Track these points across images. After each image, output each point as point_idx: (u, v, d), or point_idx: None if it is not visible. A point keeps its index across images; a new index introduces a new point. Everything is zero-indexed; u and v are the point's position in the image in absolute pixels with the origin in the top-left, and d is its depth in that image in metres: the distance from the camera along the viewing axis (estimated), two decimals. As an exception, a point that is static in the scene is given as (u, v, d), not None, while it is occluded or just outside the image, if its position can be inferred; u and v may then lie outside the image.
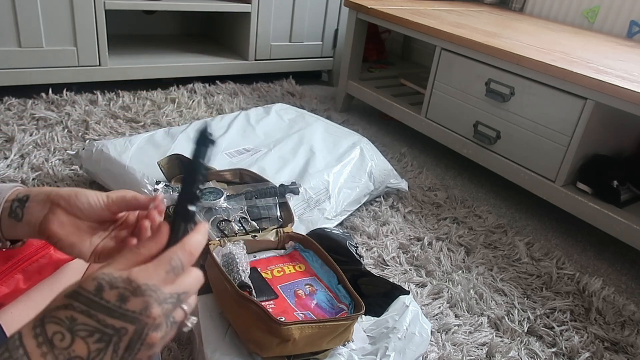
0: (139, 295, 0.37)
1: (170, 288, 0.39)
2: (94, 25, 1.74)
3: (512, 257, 1.24)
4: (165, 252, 0.41)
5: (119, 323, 0.37)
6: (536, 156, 1.39)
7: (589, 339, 1.01)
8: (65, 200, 0.50)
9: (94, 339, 0.36)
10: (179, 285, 0.40)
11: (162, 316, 0.38)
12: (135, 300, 0.37)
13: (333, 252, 0.95)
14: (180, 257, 0.41)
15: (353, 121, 2.00)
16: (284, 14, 2.15)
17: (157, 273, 0.39)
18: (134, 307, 0.37)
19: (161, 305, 0.38)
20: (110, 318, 0.37)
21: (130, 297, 0.37)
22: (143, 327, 0.38)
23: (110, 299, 0.37)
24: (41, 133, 1.51)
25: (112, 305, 0.37)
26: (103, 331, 0.37)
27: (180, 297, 0.40)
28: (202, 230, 0.45)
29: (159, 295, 0.38)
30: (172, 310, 0.40)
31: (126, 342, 0.37)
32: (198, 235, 0.44)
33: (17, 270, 0.67)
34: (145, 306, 0.37)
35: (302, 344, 0.74)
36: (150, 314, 0.38)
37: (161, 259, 0.40)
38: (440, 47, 1.62)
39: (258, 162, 1.26)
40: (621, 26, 1.93)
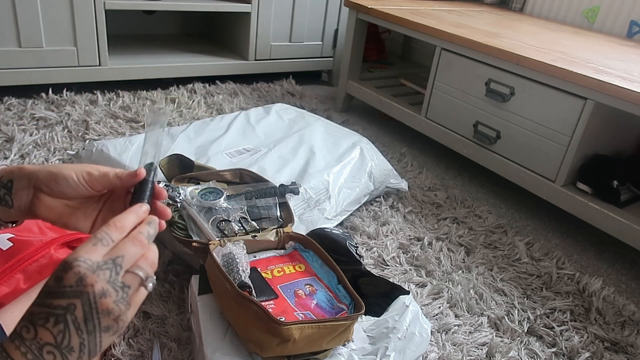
0: (68, 270, 0.39)
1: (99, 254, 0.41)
2: (94, 25, 1.74)
3: (512, 257, 1.24)
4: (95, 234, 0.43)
5: (64, 301, 0.39)
6: (536, 156, 1.39)
7: (589, 339, 1.01)
8: (45, 186, 0.50)
9: (50, 323, 0.39)
10: (112, 252, 0.42)
11: (102, 281, 0.40)
12: (67, 275, 0.39)
13: (333, 252, 0.95)
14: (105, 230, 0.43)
15: (353, 121, 2.00)
16: (284, 14, 2.15)
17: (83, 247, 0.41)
18: (69, 282, 0.39)
19: (95, 272, 0.40)
20: (55, 299, 0.39)
21: (62, 274, 0.40)
22: (87, 297, 0.39)
23: (50, 284, 0.40)
24: (41, 133, 1.51)
25: (52, 288, 0.40)
26: (54, 313, 0.39)
27: (115, 261, 0.42)
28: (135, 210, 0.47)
29: (89, 263, 0.40)
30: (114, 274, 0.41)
31: (81, 316, 0.40)
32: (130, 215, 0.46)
33: (18, 270, 0.67)
34: (78, 277, 0.39)
35: (302, 344, 0.74)
36: (87, 282, 0.39)
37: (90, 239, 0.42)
38: (440, 47, 1.62)
39: (258, 162, 1.26)
40: (621, 26, 1.93)
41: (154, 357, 0.82)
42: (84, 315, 0.40)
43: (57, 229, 0.74)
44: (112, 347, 0.83)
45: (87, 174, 0.51)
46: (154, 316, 0.91)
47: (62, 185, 0.50)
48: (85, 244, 0.41)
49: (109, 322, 0.40)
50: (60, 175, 0.50)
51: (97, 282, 0.40)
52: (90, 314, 0.40)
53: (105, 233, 0.43)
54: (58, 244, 0.73)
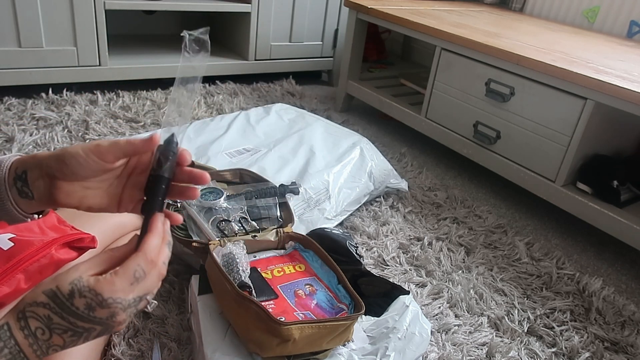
0: (104, 307, 0.43)
1: (133, 294, 0.44)
2: (94, 25, 1.74)
3: (512, 257, 1.24)
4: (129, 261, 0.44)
5: (88, 325, 0.43)
6: (536, 156, 1.39)
7: (589, 339, 1.01)
8: (57, 171, 0.48)
9: (67, 335, 0.43)
10: (141, 289, 0.45)
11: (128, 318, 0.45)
12: (101, 310, 0.43)
13: (333, 252, 0.95)
14: (142, 266, 0.45)
15: (353, 121, 2.00)
16: (284, 14, 2.15)
17: (122, 286, 0.43)
18: (100, 315, 0.43)
19: (126, 311, 0.44)
20: (80, 322, 0.43)
21: (96, 307, 0.42)
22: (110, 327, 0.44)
23: (79, 307, 0.42)
24: (41, 133, 1.51)
25: (81, 312, 0.42)
26: (75, 330, 0.43)
27: (142, 298, 0.45)
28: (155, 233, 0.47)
29: (124, 304, 0.43)
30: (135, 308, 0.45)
31: (96, 335, 0.44)
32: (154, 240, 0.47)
33: (18, 270, 0.67)
34: (111, 314, 0.43)
35: (302, 344, 0.74)
36: (116, 320, 0.44)
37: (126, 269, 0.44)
38: (440, 47, 1.62)
39: (258, 162, 1.26)
40: (621, 26, 1.93)
41: (154, 357, 0.82)
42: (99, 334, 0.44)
43: (58, 229, 0.74)
44: (112, 347, 0.83)
45: (94, 147, 0.47)
46: (154, 316, 0.91)
47: (72, 165, 0.47)
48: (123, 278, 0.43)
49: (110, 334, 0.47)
50: (68, 155, 0.47)
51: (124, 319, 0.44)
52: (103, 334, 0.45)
53: (141, 270, 0.45)
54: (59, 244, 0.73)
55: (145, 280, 0.45)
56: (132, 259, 0.45)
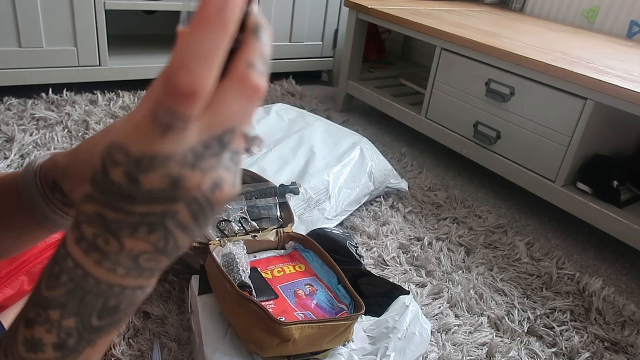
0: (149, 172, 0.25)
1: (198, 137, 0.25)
2: (94, 25, 1.74)
3: (512, 257, 1.24)
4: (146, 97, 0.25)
5: (157, 207, 0.25)
6: (536, 156, 1.39)
7: (589, 339, 1.01)
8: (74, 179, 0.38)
9: (142, 232, 0.26)
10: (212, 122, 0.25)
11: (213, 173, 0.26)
12: (146, 177, 0.25)
13: (333, 252, 0.95)
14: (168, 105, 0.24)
15: (353, 121, 2.00)
16: (284, 14, 2.15)
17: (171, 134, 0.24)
18: (155, 185, 0.25)
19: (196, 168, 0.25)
20: (140, 205, 0.25)
21: (140, 175, 0.25)
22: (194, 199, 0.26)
23: (120, 182, 0.25)
24: (41, 133, 1.51)
25: (127, 191, 0.25)
26: (145, 222, 0.26)
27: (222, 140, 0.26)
28: None
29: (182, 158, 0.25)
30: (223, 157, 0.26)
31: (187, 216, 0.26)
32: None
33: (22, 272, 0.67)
34: (171, 181, 0.25)
35: (302, 344, 0.74)
36: (187, 185, 0.25)
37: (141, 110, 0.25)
38: (440, 47, 1.62)
39: (258, 162, 1.26)
40: (621, 26, 1.93)
41: (154, 357, 0.82)
42: (193, 215, 0.26)
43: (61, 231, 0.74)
44: (112, 347, 0.83)
45: None
46: (154, 316, 0.91)
47: None
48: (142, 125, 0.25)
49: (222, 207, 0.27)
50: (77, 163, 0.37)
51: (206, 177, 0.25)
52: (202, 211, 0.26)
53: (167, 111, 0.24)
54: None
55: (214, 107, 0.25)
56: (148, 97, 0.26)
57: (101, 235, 0.26)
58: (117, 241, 0.26)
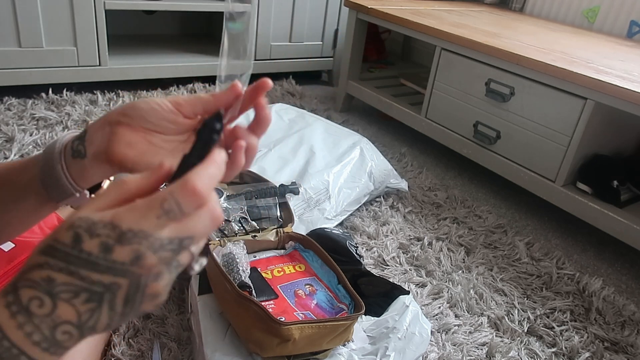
0: (125, 244, 0.30)
1: (168, 232, 0.31)
2: (94, 25, 1.74)
3: (512, 257, 1.24)
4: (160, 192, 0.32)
5: (108, 278, 0.30)
6: (536, 156, 1.39)
7: (589, 339, 1.01)
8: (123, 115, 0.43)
9: (80, 299, 0.30)
10: (181, 229, 0.32)
11: (161, 265, 0.31)
12: (121, 249, 0.30)
13: (333, 252, 0.95)
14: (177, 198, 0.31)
15: (353, 121, 2.00)
16: (284, 14, 2.15)
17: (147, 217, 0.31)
18: (121, 257, 0.30)
19: (157, 254, 0.31)
20: (96, 273, 0.30)
21: (115, 245, 0.30)
22: (138, 279, 0.30)
23: (91, 251, 0.30)
24: (41, 133, 1.51)
25: (94, 258, 0.30)
26: (90, 289, 0.30)
27: (183, 243, 0.32)
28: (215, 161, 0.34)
29: (152, 241, 0.30)
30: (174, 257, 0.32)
31: (122, 297, 0.31)
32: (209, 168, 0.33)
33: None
34: (135, 255, 0.30)
35: (302, 344, 0.74)
36: (144, 264, 0.30)
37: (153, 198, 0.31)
38: (440, 47, 1.62)
39: (258, 162, 1.26)
40: (621, 26, 1.93)
41: (154, 357, 0.82)
42: (126, 298, 0.31)
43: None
44: (112, 347, 0.83)
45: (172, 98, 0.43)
46: (154, 316, 0.91)
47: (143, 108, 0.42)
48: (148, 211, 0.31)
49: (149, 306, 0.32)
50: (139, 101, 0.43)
51: (155, 265, 0.31)
52: (133, 297, 0.31)
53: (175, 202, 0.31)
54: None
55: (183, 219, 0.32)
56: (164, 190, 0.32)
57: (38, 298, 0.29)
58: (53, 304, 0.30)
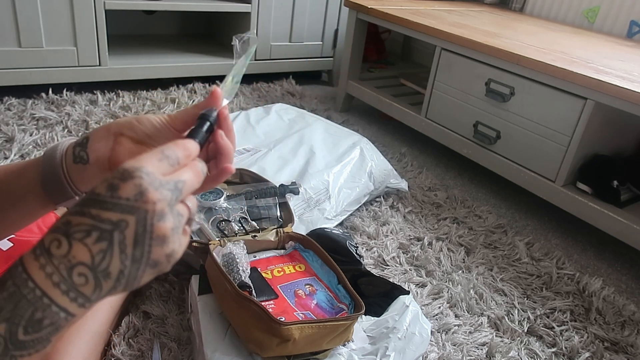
0: (128, 179, 0.33)
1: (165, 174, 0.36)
2: (94, 25, 1.74)
3: (512, 257, 1.24)
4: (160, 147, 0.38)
5: (116, 215, 0.33)
6: (536, 156, 1.39)
7: (589, 339, 1.01)
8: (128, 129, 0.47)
9: (92, 238, 0.33)
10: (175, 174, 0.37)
11: (163, 202, 0.34)
12: (125, 185, 0.33)
13: (333, 252, 0.95)
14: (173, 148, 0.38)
15: (353, 121, 2.00)
16: (284, 14, 2.15)
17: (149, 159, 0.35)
18: (126, 193, 0.33)
19: (158, 190, 0.34)
20: (104, 211, 0.33)
21: (119, 183, 0.33)
22: (144, 215, 0.33)
23: (100, 191, 0.34)
24: (41, 133, 1.51)
25: (102, 197, 0.33)
26: (100, 227, 0.33)
27: (177, 185, 0.36)
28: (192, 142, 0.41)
29: (152, 178, 0.34)
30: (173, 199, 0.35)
31: (131, 237, 0.33)
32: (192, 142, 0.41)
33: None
34: (138, 190, 0.33)
35: (302, 344, 0.74)
36: (147, 198, 0.33)
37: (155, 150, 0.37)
38: (440, 47, 1.62)
39: (258, 162, 1.26)
40: (621, 26, 1.93)
41: (154, 357, 0.82)
42: (135, 238, 0.33)
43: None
44: (112, 347, 0.83)
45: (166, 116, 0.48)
46: (154, 316, 0.91)
47: (146, 125, 0.47)
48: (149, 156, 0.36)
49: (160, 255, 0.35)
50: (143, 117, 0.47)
51: (158, 200, 0.34)
52: (142, 237, 0.34)
53: (173, 151, 0.37)
54: (58, 244, 0.73)
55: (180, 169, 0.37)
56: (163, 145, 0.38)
57: (57, 239, 0.33)
58: (68, 243, 0.33)
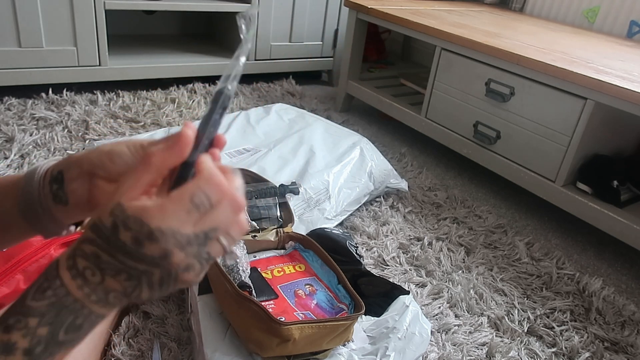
0: (153, 242, 0.33)
1: (194, 228, 0.34)
2: (94, 25, 1.74)
3: (512, 257, 1.24)
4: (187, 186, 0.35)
5: (142, 266, 0.34)
6: (536, 156, 1.39)
7: (589, 339, 1.01)
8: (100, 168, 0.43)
9: (122, 277, 0.34)
10: (205, 222, 0.34)
11: (189, 258, 0.34)
12: (150, 246, 0.33)
13: (333, 252, 0.95)
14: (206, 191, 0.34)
15: (353, 121, 2.00)
16: (284, 14, 2.15)
17: (176, 214, 0.33)
18: (151, 252, 0.33)
19: (184, 250, 0.34)
20: (131, 260, 0.34)
21: (145, 242, 0.33)
22: (169, 271, 0.34)
23: (126, 241, 0.33)
24: (41, 133, 1.51)
25: (129, 249, 0.33)
26: (128, 272, 0.34)
27: (208, 235, 0.35)
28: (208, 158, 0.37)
29: (179, 239, 0.33)
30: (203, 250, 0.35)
31: (157, 281, 0.35)
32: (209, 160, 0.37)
33: (18, 270, 0.67)
34: (163, 254, 0.33)
35: (302, 344, 0.74)
36: (172, 261, 0.34)
37: (181, 194, 0.34)
38: (440, 47, 1.62)
39: (258, 162, 1.26)
40: (621, 26, 1.93)
41: (154, 357, 0.82)
42: (161, 281, 0.35)
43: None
44: (112, 347, 0.83)
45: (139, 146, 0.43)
46: (154, 316, 0.91)
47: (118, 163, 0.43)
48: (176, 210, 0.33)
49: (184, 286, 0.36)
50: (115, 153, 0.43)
51: (182, 260, 0.34)
52: (167, 281, 0.35)
53: (205, 196, 0.34)
54: (58, 244, 0.73)
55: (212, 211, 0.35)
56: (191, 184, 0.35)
57: (90, 268, 0.34)
58: (101, 276, 0.35)
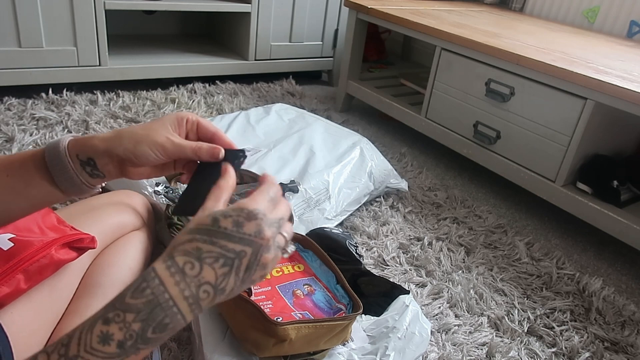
0: (252, 219, 0.43)
1: (273, 214, 0.45)
2: (94, 25, 1.74)
3: (512, 257, 1.24)
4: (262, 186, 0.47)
5: (239, 246, 0.42)
6: (536, 156, 1.38)
7: (589, 339, 1.01)
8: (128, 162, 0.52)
9: (219, 264, 0.41)
10: (278, 211, 0.46)
11: (272, 238, 0.44)
12: (249, 224, 0.42)
13: (333, 251, 0.95)
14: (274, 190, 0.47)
15: (353, 121, 2.00)
16: (284, 14, 2.15)
17: (262, 201, 0.44)
18: (249, 230, 0.42)
19: (270, 228, 0.43)
20: (231, 243, 0.41)
21: (244, 222, 0.42)
22: (258, 248, 0.42)
23: (227, 226, 0.42)
24: (41, 133, 1.51)
25: (230, 231, 0.42)
26: (226, 255, 0.41)
27: (280, 222, 0.45)
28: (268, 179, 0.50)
29: (267, 219, 0.44)
30: (276, 233, 0.44)
31: (245, 264, 0.42)
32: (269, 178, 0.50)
33: (18, 270, 0.67)
34: (258, 229, 0.43)
35: (299, 344, 0.74)
36: (264, 235, 0.43)
37: (263, 190, 0.46)
38: (440, 47, 1.62)
39: (258, 162, 1.26)
40: (621, 26, 1.93)
41: (154, 357, 0.82)
42: (248, 264, 0.42)
43: (58, 230, 0.74)
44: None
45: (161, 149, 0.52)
46: (153, 316, 0.91)
47: (142, 160, 0.52)
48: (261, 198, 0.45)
49: (258, 277, 0.44)
50: (139, 153, 0.51)
51: (270, 237, 0.43)
52: (252, 264, 0.42)
53: (275, 192, 0.47)
54: (59, 244, 0.73)
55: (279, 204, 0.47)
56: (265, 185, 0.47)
57: (190, 262, 0.40)
58: (200, 267, 0.40)
